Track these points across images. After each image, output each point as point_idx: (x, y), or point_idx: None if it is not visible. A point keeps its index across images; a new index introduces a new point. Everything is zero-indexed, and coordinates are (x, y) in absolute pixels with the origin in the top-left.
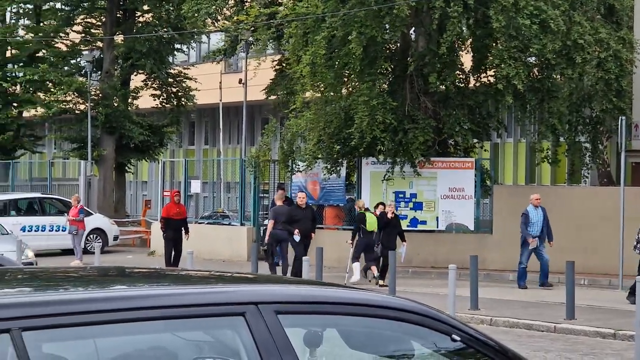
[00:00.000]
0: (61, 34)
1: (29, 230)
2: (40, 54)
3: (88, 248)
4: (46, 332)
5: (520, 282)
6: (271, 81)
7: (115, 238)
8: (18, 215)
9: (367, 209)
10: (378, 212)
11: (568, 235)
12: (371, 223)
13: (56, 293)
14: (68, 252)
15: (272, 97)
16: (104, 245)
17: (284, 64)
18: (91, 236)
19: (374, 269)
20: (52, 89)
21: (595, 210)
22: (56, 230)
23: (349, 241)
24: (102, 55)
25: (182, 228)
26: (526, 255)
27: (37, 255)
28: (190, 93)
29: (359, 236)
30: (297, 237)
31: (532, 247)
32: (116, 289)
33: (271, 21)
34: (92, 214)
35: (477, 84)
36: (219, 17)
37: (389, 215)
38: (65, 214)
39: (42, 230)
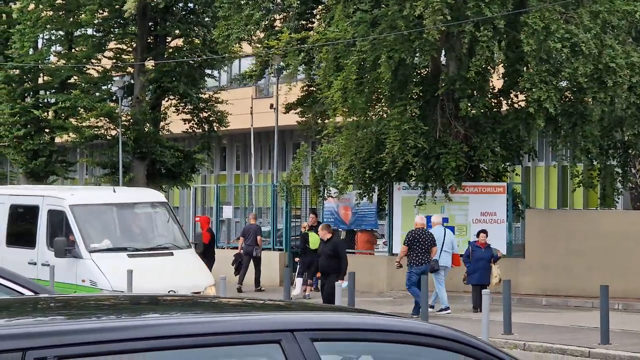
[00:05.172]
0: (93, 61)
1: None
2: (72, 80)
3: None
4: None
5: None
6: (297, 100)
7: None
8: None
9: (311, 228)
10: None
11: (601, 259)
12: (313, 242)
13: (90, 321)
14: None
15: (300, 119)
16: None
17: (312, 88)
18: None
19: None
20: (83, 115)
21: (628, 233)
22: None
23: (297, 259)
24: (132, 81)
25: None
26: None
27: None
28: (223, 117)
29: (303, 254)
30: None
31: None
32: (149, 317)
33: (302, 46)
34: None
35: (509, 109)
36: (250, 42)
37: None
38: None
39: None
